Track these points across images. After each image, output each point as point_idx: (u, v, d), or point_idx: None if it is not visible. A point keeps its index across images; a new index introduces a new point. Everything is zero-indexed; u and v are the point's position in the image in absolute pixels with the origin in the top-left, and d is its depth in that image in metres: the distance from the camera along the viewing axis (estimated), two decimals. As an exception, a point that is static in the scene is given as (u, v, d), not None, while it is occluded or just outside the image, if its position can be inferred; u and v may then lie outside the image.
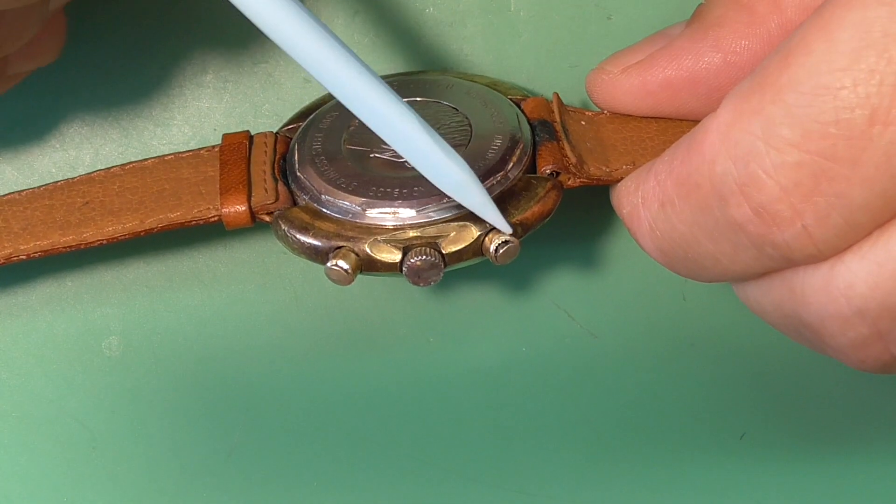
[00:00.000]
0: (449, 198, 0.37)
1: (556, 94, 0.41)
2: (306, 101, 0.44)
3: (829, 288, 0.32)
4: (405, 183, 0.38)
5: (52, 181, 0.43)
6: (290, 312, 0.43)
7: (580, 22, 0.44)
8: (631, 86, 0.39)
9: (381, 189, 0.38)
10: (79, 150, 0.44)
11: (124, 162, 0.44)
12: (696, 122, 0.39)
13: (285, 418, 0.44)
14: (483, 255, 0.38)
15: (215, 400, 0.44)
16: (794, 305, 0.34)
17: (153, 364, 0.44)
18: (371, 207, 0.38)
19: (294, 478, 0.44)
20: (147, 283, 0.44)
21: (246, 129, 0.44)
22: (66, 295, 0.44)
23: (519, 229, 0.38)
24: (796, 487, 0.44)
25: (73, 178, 0.40)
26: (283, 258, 0.43)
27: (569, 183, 0.38)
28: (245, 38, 0.44)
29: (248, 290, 0.44)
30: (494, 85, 0.42)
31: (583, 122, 0.40)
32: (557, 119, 0.40)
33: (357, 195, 0.38)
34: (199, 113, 0.44)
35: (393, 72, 0.44)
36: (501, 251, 0.37)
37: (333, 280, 0.37)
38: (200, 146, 0.43)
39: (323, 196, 0.38)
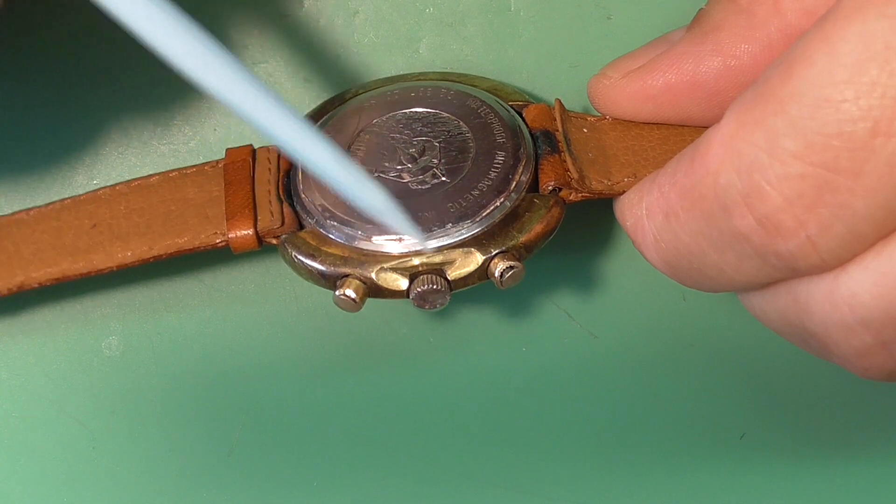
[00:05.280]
0: (453, 224, 0.38)
1: (559, 101, 0.41)
2: (306, 101, 0.43)
3: (833, 297, 0.32)
4: (410, 207, 0.38)
5: (52, 181, 0.43)
6: (290, 312, 0.43)
7: (580, 22, 0.44)
8: (632, 91, 0.39)
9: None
10: (79, 150, 0.44)
11: (124, 160, 0.44)
12: (697, 127, 0.39)
13: (285, 418, 0.44)
14: (488, 278, 0.38)
15: (215, 400, 0.44)
16: (798, 314, 0.34)
17: (153, 364, 0.44)
18: (377, 234, 0.38)
19: (294, 478, 0.44)
20: (147, 283, 0.44)
21: (245, 128, 0.44)
22: (66, 295, 0.44)
23: (523, 251, 0.38)
24: (796, 488, 0.44)
25: (79, 197, 0.40)
26: (283, 258, 0.44)
27: (570, 198, 0.39)
28: (245, 38, 0.44)
29: (247, 289, 0.44)
30: (495, 90, 0.42)
31: (585, 130, 0.40)
32: (559, 128, 0.40)
33: (362, 221, 0.38)
34: (199, 113, 0.44)
35: (393, 73, 0.44)
36: (507, 276, 0.37)
37: (342, 308, 0.38)
38: (200, 146, 0.43)
39: (328, 221, 0.38)
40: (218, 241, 0.39)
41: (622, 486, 0.44)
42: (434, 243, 0.38)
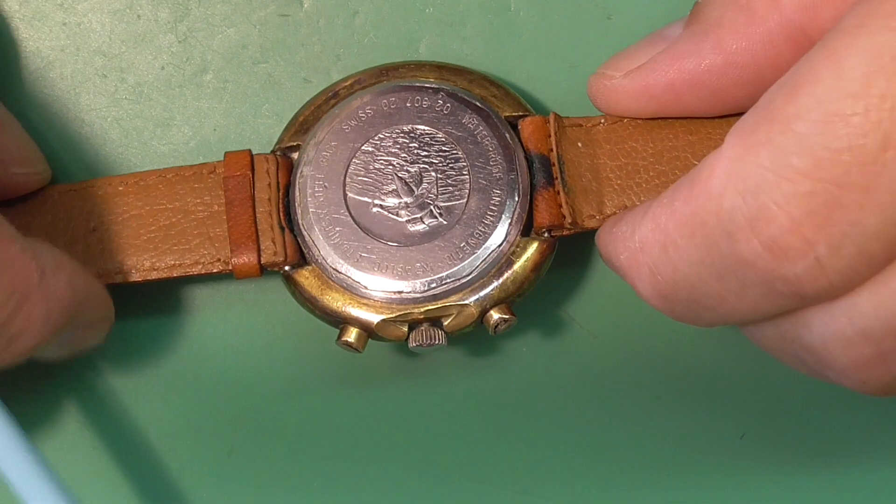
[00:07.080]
0: (448, 275, 0.39)
1: (554, 115, 0.40)
2: (306, 101, 0.43)
3: (832, 308, 0.32)
4: (409, 257, 0.40)
5: (52, 181, 0.43)
6: (291, 312, 0.43)
7: (580, 22, 0.44)
8: (634, 90, 0.39)
9: (386, 265, 0.40)
10: (79, 150, 0.43)
11: (124, 160, 0.44)
12: (690, 137, 0.39)
13: (285, 417, 0.44)
14: (483, 325, 0.40)
15: (215, 400, 0.44)
16: (795, 328, 0.34)
17: (153, 364, 0.44)
18: (376, 285, 0.40)
19: (294, 478, 0.44)
20: (146, 283, 0.44)
21: (246, 128, 0.44)
22: (66, 295, 0.44)
23: (517, 298, 0.40)
24: (796, 488, 0.44)
25: (74, 185, 0.41)
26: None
27: (563, 234, 0.40)
28: (245, 38, 0.44)
29: (247, 288, 0.44)
30: (492, 99, 0.42)
31: (579, 144, 0.40)
32: (553, 146, 0.40)
33: (362, 271, 0.40)
34: (199, 113, 0.44)
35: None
36: (502, 327, 0.40)
37: (344, 350, 0.40)
38: (200, 146, 0.43)
39: (329, 266, 0.40)
40: (220, 269, 0.40)
41: (622, 485, 0.44)
42: (431, 293, 0.40)
